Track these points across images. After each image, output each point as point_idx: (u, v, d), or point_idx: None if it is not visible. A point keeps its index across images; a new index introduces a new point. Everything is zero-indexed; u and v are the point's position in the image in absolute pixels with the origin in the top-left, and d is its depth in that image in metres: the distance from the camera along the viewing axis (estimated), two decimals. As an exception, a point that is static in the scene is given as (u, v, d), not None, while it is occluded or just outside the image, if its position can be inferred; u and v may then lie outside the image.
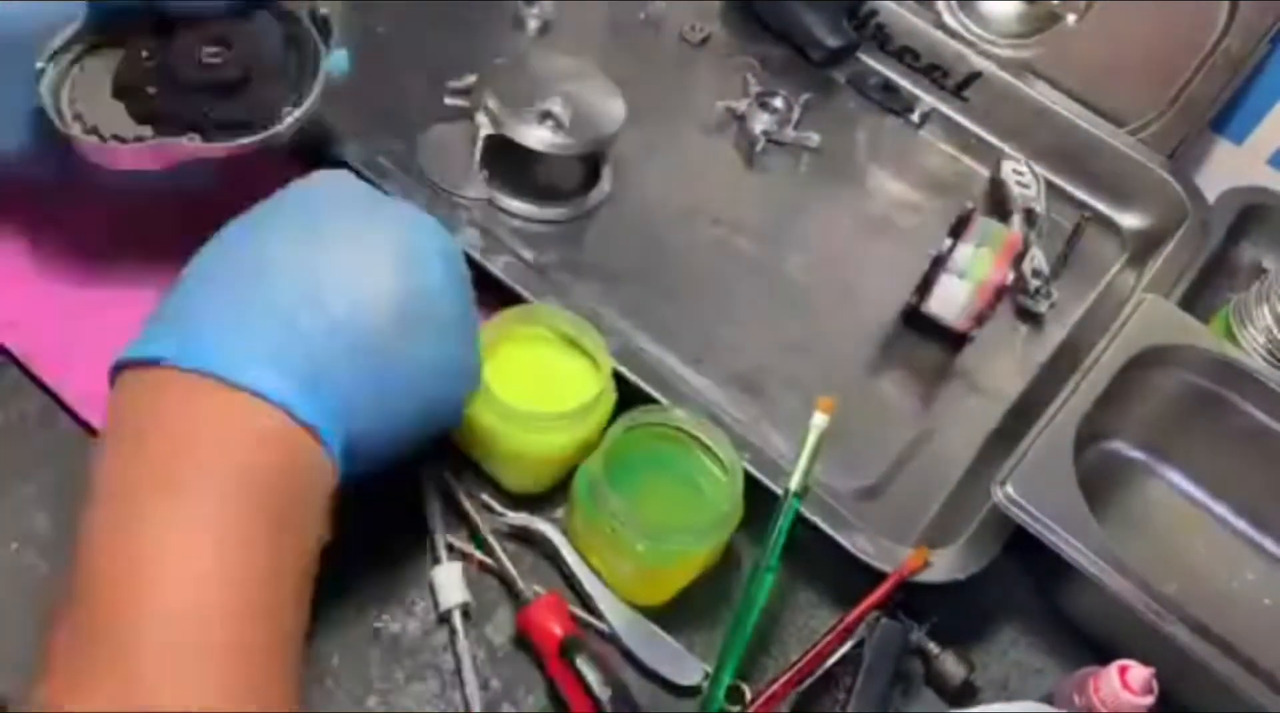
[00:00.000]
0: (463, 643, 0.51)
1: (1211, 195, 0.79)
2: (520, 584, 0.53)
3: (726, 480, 0.54)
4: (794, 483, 0.54)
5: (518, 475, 0.56)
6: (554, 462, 0.55)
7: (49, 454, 0.53)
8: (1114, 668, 0.51)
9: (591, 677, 0.49)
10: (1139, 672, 0.51)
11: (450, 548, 0.54)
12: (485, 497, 0.56)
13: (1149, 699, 0.51)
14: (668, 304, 0.67)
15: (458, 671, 0.51)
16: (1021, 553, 0.57)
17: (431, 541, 0.54)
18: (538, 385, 0.55)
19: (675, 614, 0.54)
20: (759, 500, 0.54)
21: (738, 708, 0.51)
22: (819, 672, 0.52)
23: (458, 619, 0.52)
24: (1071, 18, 0.83)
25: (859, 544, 0.54)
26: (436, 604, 0.52)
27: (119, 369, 0.42)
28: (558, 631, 0.51)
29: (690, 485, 0.55)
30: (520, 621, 0.52)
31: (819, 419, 0.55)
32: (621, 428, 0.53)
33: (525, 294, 0.60)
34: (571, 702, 0.49)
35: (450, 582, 0.52)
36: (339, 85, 0.55)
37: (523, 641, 0.52)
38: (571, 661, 0.50)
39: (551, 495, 0.57)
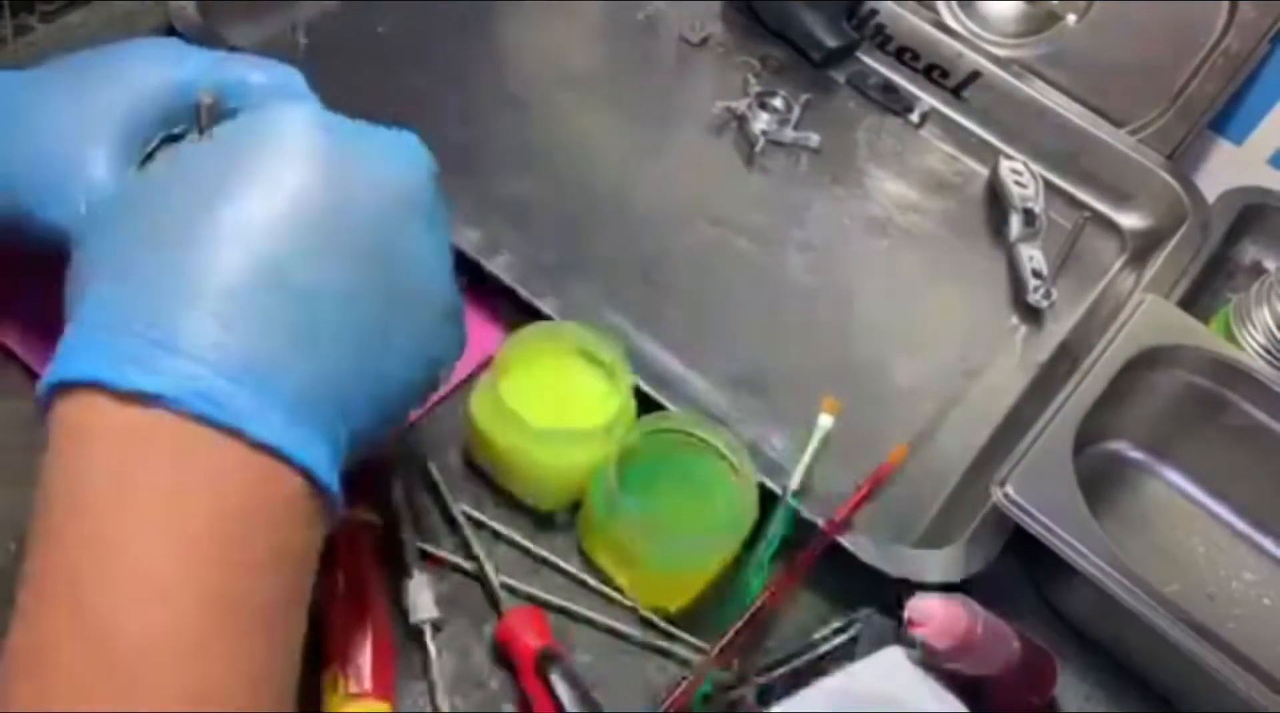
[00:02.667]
0: (433, 658, 0.49)
1: (1211, 195, 0.79)
2: (501, 595, 0.52)
3: (739, 484, 0.53)
4: (794, 482, 0.54)
5: (539, 493, 0.55)
6: (577, 479, 0.54)
7: (49, 454, 0.53)
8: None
9: (564, 694, 0.47)
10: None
11: (426, 556, 0.52)
12: (467, 507, 0.55)
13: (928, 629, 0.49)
14: (668, 304, 0.67)
15: (429, 689, 0.49)
16: (1021, 553, 0.57)
17: (402, 553, 0.52)
18: (558, 402, 0.55)
19: (676, 615, 0.54)
20: (759, 500, 0.54)
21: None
22: (809, 656, 0.52)
23: (429, 634, 0.50)
24: (1071, 18, 0.83)
25: (859, 544, 0.54)
26: (406, 618, 0.51)
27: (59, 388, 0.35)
28: (534, 643, 0.49)
29: (703, 490, 0.55)
30: (498, 632, 0.51)
31: (824, 420, 0.55)
32: (634, 435, 0.53)
33: (525, 294, 0.60)
34: None
35: (421, 596, 0.51)
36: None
37: (503, 654, 0.51)
38: (545, 675, 0.48)
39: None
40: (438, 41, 0.78)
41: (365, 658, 0.47)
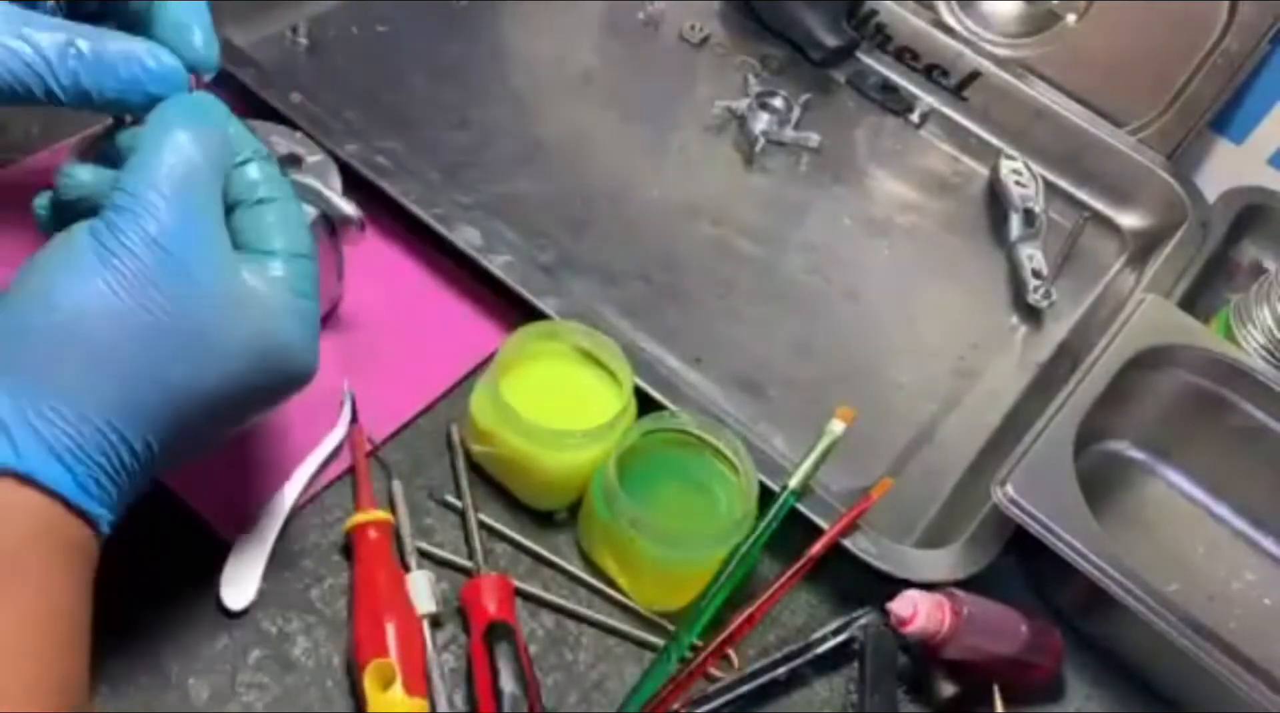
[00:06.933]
0: (431, 652, 0.49)
1: (1211, 195, 0.79)
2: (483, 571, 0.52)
3: (740, 484, 0.53)
4: (794, 480, 0.54)
5: (539, 493, 0.55)
6: (577, 479, 0.54)
7: (49, 454, 0.53)
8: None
9: (504, 667, 0.47)
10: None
11: (425, 555, 0.53)
12: (467, 506, 0.55)
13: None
14: (668, 304, 0.67)
15: (426, 678, 0.49)
16: (1021, 553, 0.57)
17: (401, 549, 0.53)
18: (559, 402, 0.55)
19: (676, 614, 0.54)
20: (759, 500, 0.54)
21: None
22: (809, 655, 0.53)
23: (426, 628, 0.50)
24: (1071, 18, 0.83)
25: (859, 544, 0.54)
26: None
27: None
28: (491, 610, 0.49)
29: (704, 490, 0.55)
30: (462, 592, 0.51)
31: (836, 425, 0.55)
32: (634, 435, 0.53)
33: (525, 294, 0.60)
34: (478, 683, 0.48)
35: (420, 591, 0.51)
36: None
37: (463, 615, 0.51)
38: (491, 645, 0.48)
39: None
40: (438, 41, 0.78)
41: (402, 656, 0.47)
